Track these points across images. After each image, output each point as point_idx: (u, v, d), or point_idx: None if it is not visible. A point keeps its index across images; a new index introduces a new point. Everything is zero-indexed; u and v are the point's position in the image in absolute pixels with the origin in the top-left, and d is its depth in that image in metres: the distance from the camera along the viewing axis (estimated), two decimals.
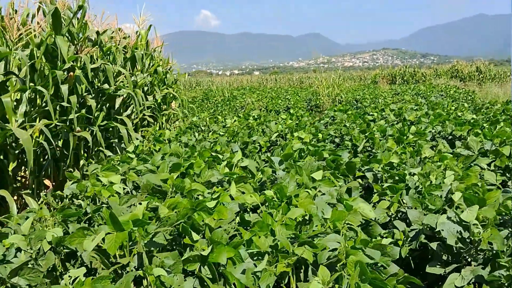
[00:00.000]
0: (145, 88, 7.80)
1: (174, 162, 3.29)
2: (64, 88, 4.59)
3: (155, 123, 8.17)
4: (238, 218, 2.76)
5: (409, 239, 2.57)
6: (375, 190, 3.35)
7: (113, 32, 6.23)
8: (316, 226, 2.29)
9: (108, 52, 6.02)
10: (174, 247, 2.39)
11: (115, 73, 6.17)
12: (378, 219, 2.97)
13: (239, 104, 17.45)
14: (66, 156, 5.22)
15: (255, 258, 2.13)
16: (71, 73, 4.95)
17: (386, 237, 2.69)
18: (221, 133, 6.30)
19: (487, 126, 5.92)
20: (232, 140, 6.21)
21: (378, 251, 1.94)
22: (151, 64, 8.01)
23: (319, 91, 17.76)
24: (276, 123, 6.93)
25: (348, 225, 2.20)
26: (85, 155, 5.57)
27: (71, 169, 5.49)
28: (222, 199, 2.82)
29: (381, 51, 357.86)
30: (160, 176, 3.07)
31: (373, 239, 2.58)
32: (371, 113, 8.62)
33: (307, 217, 2.35)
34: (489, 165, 4.04)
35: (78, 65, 5.34)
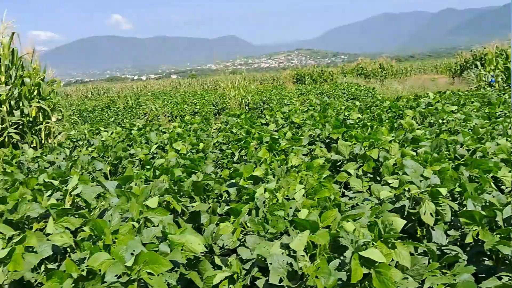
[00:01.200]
0: (12, 102, 6.96)
1: None
2: None
3: (31, 140, 7.33)
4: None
5: (245, 272, 2.23)
6: None
7: None
8: (118, 276, 1.86)
9: None
10: None
11: None
12: (226, 246, 2.62)
13: (142, 111, 16.71)
14: None
15: None
16: None
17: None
18: (92, 149, 5.69)
19: (375, 125, 5.88)
20: (105, 156, 5.65)
21: None
22: (18, 76, 7.18)
23: (225, 93, 17.48)
24: (156, 134, 6.45)
25: (149, 273, 1.79)
26: None
27: None
28: (28, 242, 2.32)
29: (295, 51, 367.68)
30: None
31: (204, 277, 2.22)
32: (265, 116, 8.41)
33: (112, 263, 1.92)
34: (359, 170, 3.87)
35: None
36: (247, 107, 17.26)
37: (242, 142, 4.86)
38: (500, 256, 2.14)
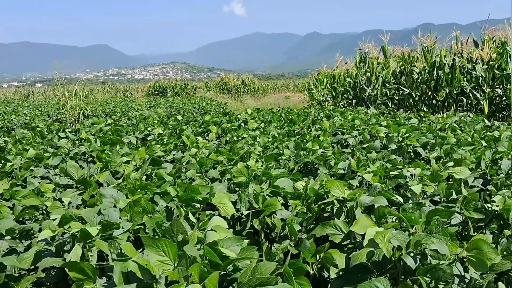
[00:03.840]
0: None
1: None
2: None
3: None
4: None
5: None
6: None
7: None
8: None
9: None
10: None
11: None
12: None
13: None
14: None
15: None
16: None
17: None
18: None
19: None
20: None
21: None
22: None
23: (61, 104, 15.98)
24: None
25: None
26: None
27: None
28: None
29: (170, 64, 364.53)
30: None
31: None
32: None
33: None
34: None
35: None
36: (86, 119, 15.98)
37: None
38: None
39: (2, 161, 3.70)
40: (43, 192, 3.35)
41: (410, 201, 2.80)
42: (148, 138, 6.36)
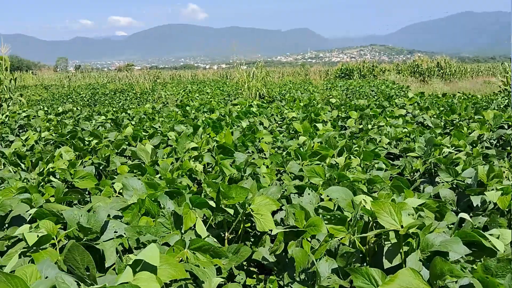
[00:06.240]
0: None
1: None
2: None
3: None
4: None
5: None
6: None
7: None
8: None
9: None
10: None
11: None
12: None
13: (151, 98, 16.44)
14: None
15: None
16: None
17: None
18: None
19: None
20: None
21: None
22: None
23: (240, 85, 16.77)
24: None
25: None
26: None
27: None
28: None
29: (368, 47, 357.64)
30: None
31: None
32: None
33: None
34: None
35: None
36: (262, 99, 16.48)
37: None
38: None
39: (92, 138, 3.67)
40: (117, 174, 3.17)
41: None
42: (279, 122, 5.92)
